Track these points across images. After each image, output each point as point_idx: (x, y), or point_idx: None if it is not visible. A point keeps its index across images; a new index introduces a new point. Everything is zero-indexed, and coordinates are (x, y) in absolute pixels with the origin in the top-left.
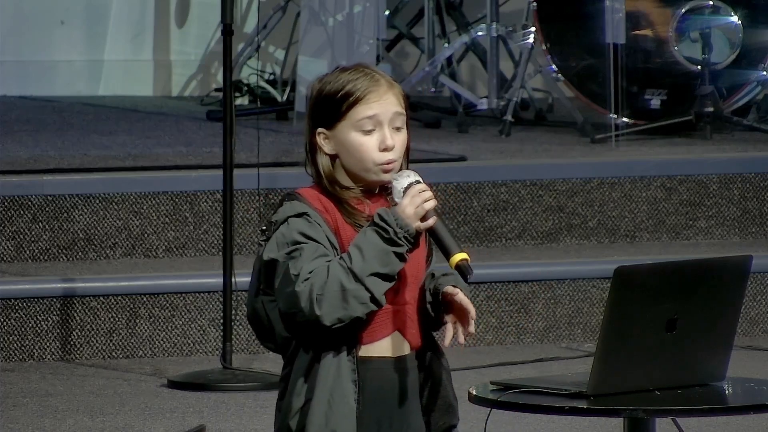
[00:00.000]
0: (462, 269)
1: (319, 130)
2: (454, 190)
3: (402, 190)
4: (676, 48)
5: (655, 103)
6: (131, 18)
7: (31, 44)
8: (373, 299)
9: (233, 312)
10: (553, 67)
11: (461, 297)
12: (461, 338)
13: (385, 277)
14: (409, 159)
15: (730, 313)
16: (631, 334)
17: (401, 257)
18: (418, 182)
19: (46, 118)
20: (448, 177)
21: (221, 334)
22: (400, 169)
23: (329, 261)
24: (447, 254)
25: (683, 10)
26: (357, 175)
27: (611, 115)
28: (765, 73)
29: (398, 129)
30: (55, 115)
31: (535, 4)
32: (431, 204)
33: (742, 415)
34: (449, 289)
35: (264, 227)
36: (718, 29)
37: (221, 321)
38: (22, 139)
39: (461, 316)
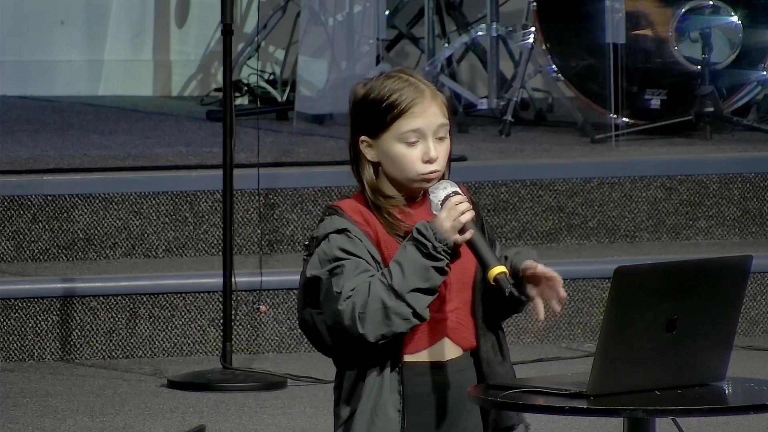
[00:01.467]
0: (500, 282)
1: (362, 138)
2: None
3: (439, 203)
4: (676, 48)
5: (655, 103)
6: (131, 18)
7: (31, 44)
8: (416, 314)
9: (233, 312)
10: (553, 67)
11: (542, 268)
12: (556, 306)
13: (426, 291)
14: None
15: (730, 313)
16: (631, 334)
17: (441, 271)
18: (456, 193)
19: (46, 118)
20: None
21: (221, 334)
22: (442, 178)
23: (371, 277)
24: (485, 267)
25: (683, 10)
26: (400, 183)
27: (611, 115)
28: (765, 73)
29: (441, 139)
30: (55, 115)
31: (535, 4)
32: (468, 216)
33: (742, 415)
34: (527, 263)
35: (307, 242)
36: (718, 29)
37: (221, 321)
38: (22, 139)
39: (549, 285)
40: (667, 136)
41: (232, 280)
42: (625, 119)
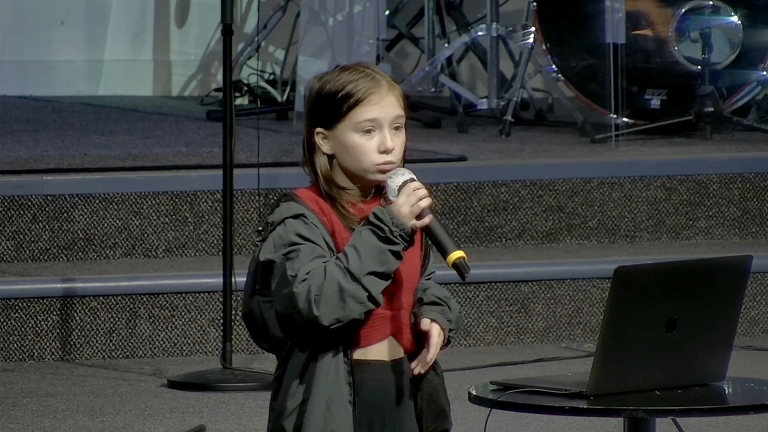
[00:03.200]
0: (459, 267)
1: (318, 129)
2: (454, 190)
3: (397, 189)
4: (676, 48)
5: (655, 103)
6: (131, 18)
7: (31, 44)
8: (371, 298)
9: (233, 312)
10: (553, 67)
11: (427, 327)
12: (417, 368)
13: (382, 275)
14: (410, 159)
15: (730, 313)
16: (631, 334)
17: (397, 255)
18: (412, 180)
19: (46, 118)
20: (448, 177)
21: (221, 334)
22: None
23: (326, 261)
24: (444, 252)
25: (683, 10)
26: (355, 175)
27: (611, 115)
28: (765, 73)
29: (398, 129)
30: (55, 115)
31: (535, 4)
32: (426, 202)
33: (742, 415)
34: (424, 323)
35: (260, 228)
36: (718, 29)
37: (221, 321)
38: (22, 139)
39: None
40: (667, 136)
41: (232, 280)
42: (625, 119)
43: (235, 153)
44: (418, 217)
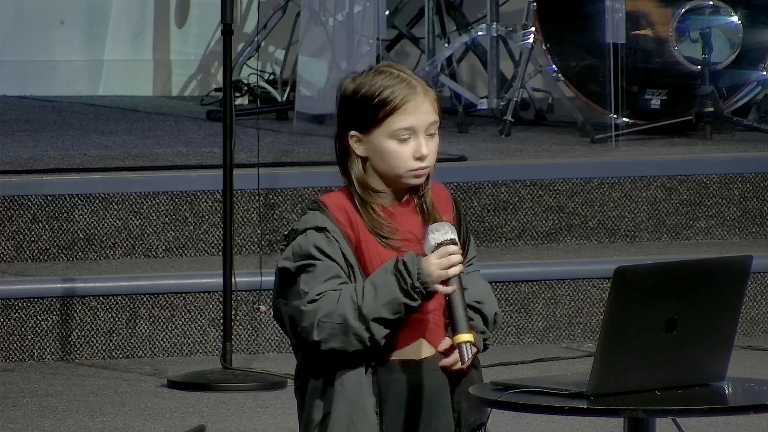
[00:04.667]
0: (462, 351)
1: (352, 133)
2: (454, 190)
3: (434, 245)
4: (676, 48)
5: (655, 103)
6: (131, 18)
7: (31, 44)
8: (372, 340)
9: (233, 312)
10: (553, 67)
11: (453, 357)
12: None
13: (389, 322)
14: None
15: (730, 313)
16: (631, 334)
17: (411, 309)
18: (453, 242)
19: (46, 118)
20: (448, 177)
21: (221, 334)
22: (428, 177)
23: (342, 284)
24: (454, 329)
25: (683, 10)
26: (388, 178)
27: (611, 115)
28: (765, 73)
29: (432, 135)
30: (55, 115)
31: (535, 4)
32: (456, 270)
33: (742, 415)
34: (443, 343)
35: (286, 233)
36: (718, 29)
37: (221, 321)
38: (22, 139)
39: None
40: (667, 136)
41: (232, 280)
42: (625, 119)
43: (235, 153)
44: (445, 282)
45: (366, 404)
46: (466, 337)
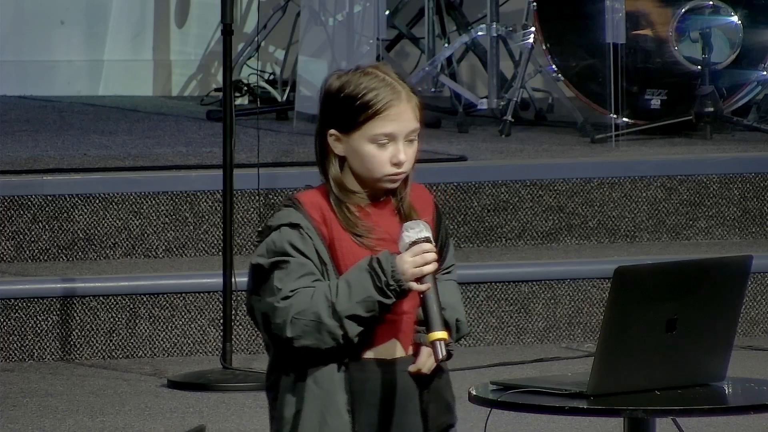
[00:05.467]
0: (436, 348)
1: (331, 131)
2: (454, 190)
3: (408, 243)
4: (676, 48)
5: (655, 103)
6: (131, 18)
7: (31, 44)
8: (346, 338)
9: (233, 312)
10: (553, 67)
11: (420, 362)
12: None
13: (363, 320)
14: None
15: (730, 313)
16: (631, 334)
17: (385, 307)
18: (427, 240)
19: (46, 118)
20: (448, 177)
21: (221, 334)
22: (406, 179)
23: (316, 281)
24: (428, 327)
25: (683, 10)
26: (365, 180)
27: (611, 115)
28: (765, 73)
29: (411, 141)
30: (55, 115)
31: (535, 4)
32: (431, 268)
33: (742, 415)
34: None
35: (260, 229)
36: (718, 29)
37: (221, 321)
38: (22, 139)
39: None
40: (667, 136)
41: (232, 280)
42: (625, 119)
43: (235, 153)
44: (419, 279)
45: (338, 402)
46: (440, 335)
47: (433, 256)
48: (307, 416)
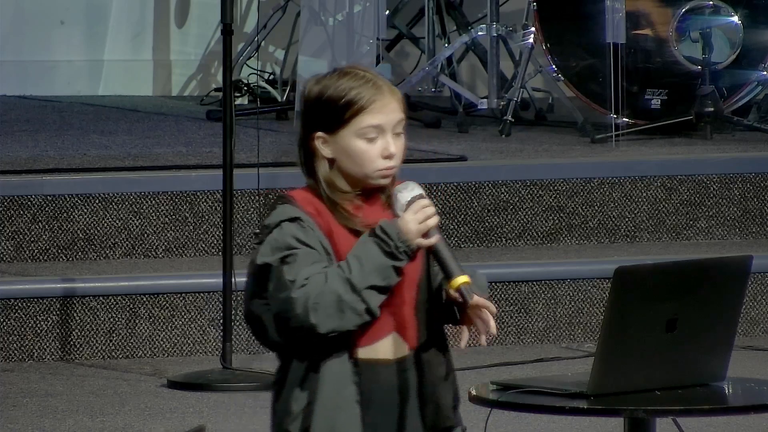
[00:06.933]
0: (463, 293)
1: (318, 134)
2: (454, 190)
3: (405, 204)
4: (676, 48)
5: (655, 103)
6: (131, 18)
7: (31, 44)
8: (369, 311)
9: (233, 312)
10: (553, 67)
11: (477, 300)
12: (483, 341)
13: (381, 289)
14: (410, 159)
15: (730, 313)
16: (631, 334)
17: (399, 271)
18: (421, 197)
19: (46, 118)
20: (448, 177)
21: (221, 334)
22: (394, 178)
23: (326, 268)
24: (448, 276)
25: (683, 10)
26: (356, 178)
27: (611, 115)
28: (765, 73)
29: (398, 134)
30: (55, 115)
31: (535, 4)
32: (434, 221)
33: (742, 415)
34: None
35: (257, 231)
36: (719, 29)
37: (221, 321)
38: (21, 139)
39: (478, 315)
40: (667, 136)
41: (232, 280)
42: (625, 119)
43: (235, 153)
44: (425, 235)
45: (350, 395)
46: (463, 279)
47: (432, 209)
48: (319, 406)
